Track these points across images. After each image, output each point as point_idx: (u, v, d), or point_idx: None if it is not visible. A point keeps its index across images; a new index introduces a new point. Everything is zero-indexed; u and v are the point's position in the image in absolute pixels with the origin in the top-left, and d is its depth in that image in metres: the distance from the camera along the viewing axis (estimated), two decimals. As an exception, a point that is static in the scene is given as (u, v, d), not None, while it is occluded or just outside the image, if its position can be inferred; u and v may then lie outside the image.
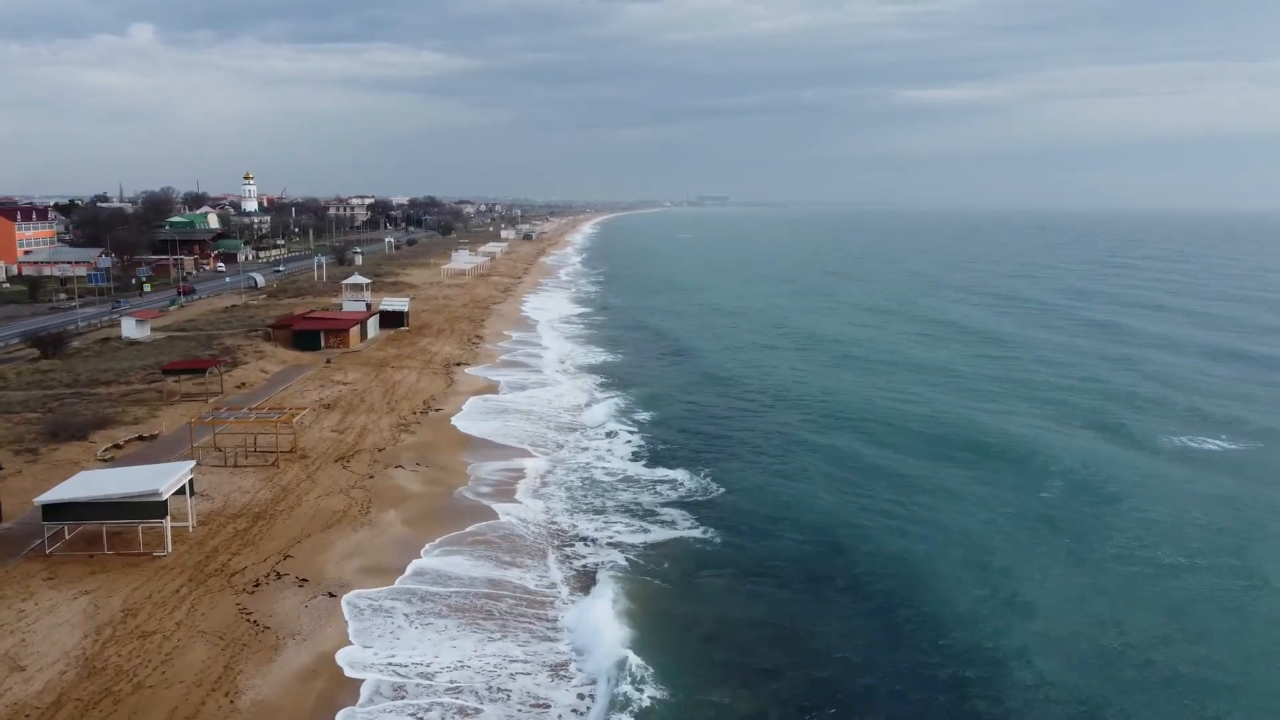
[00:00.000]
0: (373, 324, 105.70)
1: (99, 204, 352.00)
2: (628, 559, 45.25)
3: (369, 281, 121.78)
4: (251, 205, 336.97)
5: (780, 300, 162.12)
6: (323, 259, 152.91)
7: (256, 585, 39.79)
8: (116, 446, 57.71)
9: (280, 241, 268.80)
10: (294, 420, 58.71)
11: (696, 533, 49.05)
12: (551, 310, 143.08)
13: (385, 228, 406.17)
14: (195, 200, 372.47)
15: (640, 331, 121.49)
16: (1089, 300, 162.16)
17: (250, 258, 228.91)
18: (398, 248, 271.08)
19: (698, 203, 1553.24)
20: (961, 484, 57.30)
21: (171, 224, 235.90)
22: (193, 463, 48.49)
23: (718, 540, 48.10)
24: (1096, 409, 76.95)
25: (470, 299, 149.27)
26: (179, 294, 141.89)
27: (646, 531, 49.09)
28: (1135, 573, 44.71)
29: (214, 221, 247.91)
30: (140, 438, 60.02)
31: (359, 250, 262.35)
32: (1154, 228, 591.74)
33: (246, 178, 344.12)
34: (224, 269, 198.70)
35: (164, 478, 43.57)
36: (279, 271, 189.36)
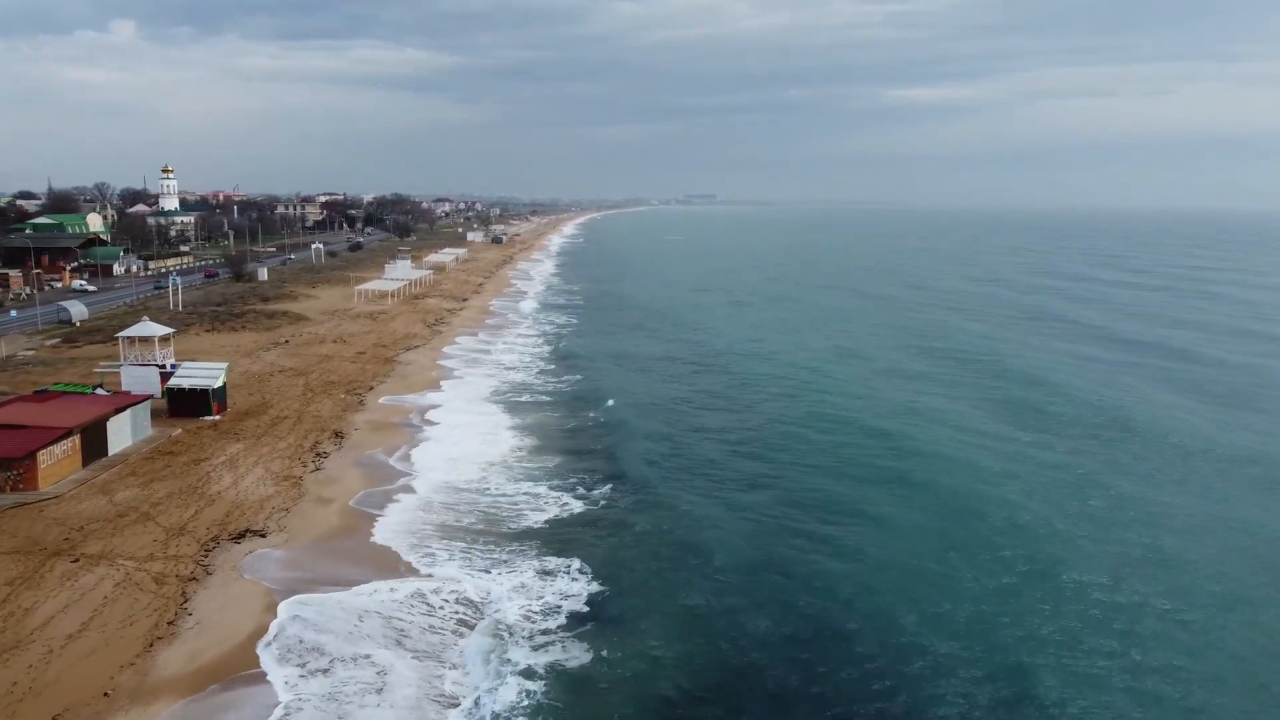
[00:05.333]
0: (131, 421, 56.91)
1: (17, 201, 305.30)
2: None
3: (170, 331, 72.26)
4: (171, 203, 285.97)
5: (811, 344, 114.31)
6: (179, 280, 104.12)
7: None
8: None
9: (185, 248, 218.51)
10: None
11: None
12: (491, 362, 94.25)
13: (342, 228, 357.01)
14: (132, 197, 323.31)
15: (634, 415, 73.16)
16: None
17: (135, 269, 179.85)
18: (332, 254, 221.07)
19: (686, 201, 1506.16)
20: None
21: (34, 226, 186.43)
22: None
23: None
24: None
25: (376, 341, 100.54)
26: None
27: None
28: None
29: (95, 224, 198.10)
30: None
31: (287, 257, 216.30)
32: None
33: (165, 171, 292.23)
34: (86, 285, 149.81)
35: None
36: (159, 288, 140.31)
